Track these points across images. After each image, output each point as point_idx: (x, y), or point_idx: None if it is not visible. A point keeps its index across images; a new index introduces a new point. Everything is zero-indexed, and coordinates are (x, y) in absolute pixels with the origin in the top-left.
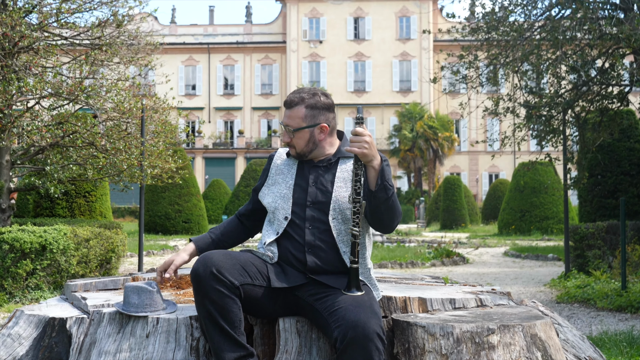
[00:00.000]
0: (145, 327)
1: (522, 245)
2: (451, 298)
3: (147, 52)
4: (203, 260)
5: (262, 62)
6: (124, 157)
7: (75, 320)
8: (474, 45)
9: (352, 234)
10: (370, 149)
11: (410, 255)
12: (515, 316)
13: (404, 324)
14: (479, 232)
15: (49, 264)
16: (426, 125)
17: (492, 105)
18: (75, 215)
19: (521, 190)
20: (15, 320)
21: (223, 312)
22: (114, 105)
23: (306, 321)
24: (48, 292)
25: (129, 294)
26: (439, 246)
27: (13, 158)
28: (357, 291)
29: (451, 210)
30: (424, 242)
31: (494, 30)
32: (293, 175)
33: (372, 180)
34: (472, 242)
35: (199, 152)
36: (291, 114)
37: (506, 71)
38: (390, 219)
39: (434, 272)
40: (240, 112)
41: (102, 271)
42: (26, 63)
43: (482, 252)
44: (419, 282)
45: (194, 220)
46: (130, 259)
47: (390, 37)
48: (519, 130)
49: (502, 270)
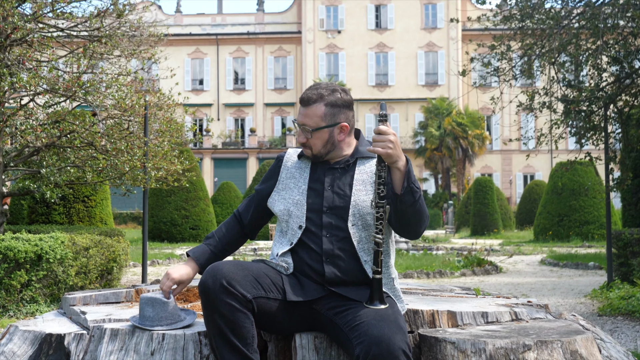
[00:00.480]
0: (150, 343)
1: (560, 252)
2: (483, 311)
3: (151, 44)
4: (212, 271)
5: (276, 54)
6: (126, 159)
7: (74, 337)
8: (506, 35)
9: (375, 241)
10: (395, 149)
11: (437, 264)
12: (554, 331)
13: (432, 339)
14: (513, 239)
15: (45, 274)
16: (455, 122)
17: (527, 100)
18: (73, 222)
19: (559, 193)
20: (9, 336)
21: (234, 328)
22: (114, 102)
23: (325, 337)
24: (44, 305)
25: (144, 307)
26: (469, 254)
27: (5, 160)
28: (380, 304)
29: (482, 215)
30: (452, 250)
31: (528, 18)
32: (306, 179)
33: (398, 182)
34: (506, 249)
35: (208, 152)
36: (308, 112)
37: (542, 63)
38: (418, 223)
39: (464, 283)
40: (251, 108)
41: (103, 282)
42: (19, 57)
43: (517, 260)
44: (448, 293)
45: (202, 226)
46: (134, 269)
47: (415, 26)
48: (557, 127)
49: (538, 280)
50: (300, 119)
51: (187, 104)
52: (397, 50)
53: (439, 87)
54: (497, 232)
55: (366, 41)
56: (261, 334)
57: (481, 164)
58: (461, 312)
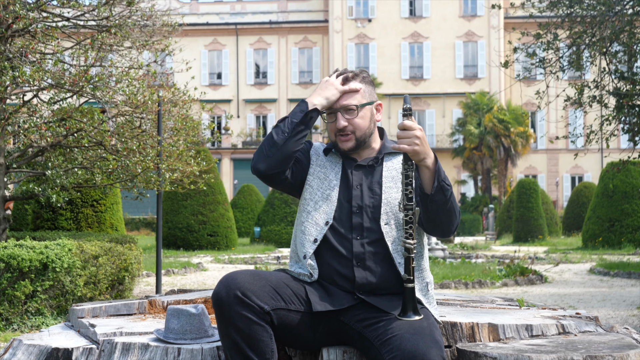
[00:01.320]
0: (165, 358)
1: (611, 260)
2: (527, 324)
3: (164, 34)
4: (226, 281)
5: (300, 45)
6: (138, 159)
7: (83, 351)
8: (553, 22)
9: (406, 247)
10: (422, 145)
11: (477, 274)
12: (604, 345)
13: (472, 354)
14: (560, 246)
15: (51, 285)
16: (496, 118)
17: (575, 94)
18: (81, 228)
19: (610, 196)
20: (13, 351)
21: (251, 342)
22: (125, 97)
23: (354, 352)
24: (51, 317)
25: (169, 319)
26: (511, 262)
27: (8, 161)
28: (414, 315)
29: (526, 220)
30: (493, 258)
31: (577, 3)
32: (338, 173)
33: (428, 181)
34: (551, 257)
35: (226, 152)
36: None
37: (592, 53)
38: (449, 221)
39: (506, 293)
40: (274, 104)
41: (114, 293)
42: (22, 49)
43: (563, 269)
44: (489, 305)
45: (221, 232)
46: (147, 279)
47: (453, 13)
48: (608, 123)
49: (587, 290)
50: (339, 102)
51: (204, 99)
52: (433, 40)
53: (478, 80)
54: (542, 239)
55: (399, 30)
56: (285, 349)
57: (525, 165)
58: (503, 324)
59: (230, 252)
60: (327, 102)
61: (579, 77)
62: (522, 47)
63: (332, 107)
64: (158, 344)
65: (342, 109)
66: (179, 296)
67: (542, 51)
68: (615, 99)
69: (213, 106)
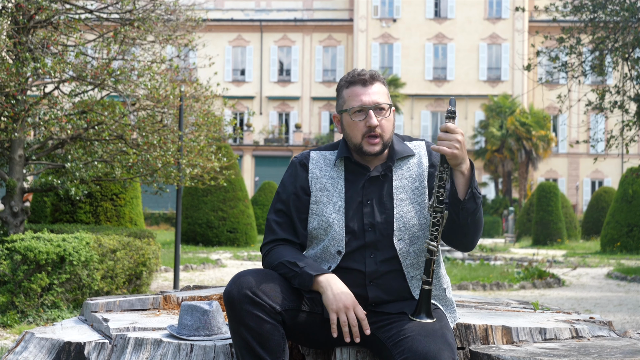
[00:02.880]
0: (178, 355)
1: (629, 265)
2: (541, 327)
3: (188, 29)
4: (237, 280)
5: (325, 43)
6: (159, 154)
7: (95, 346)
8: (576, 27)
9: (429, 249)
10: (461, 150)
11: (495, 276)
12: (617, 350)
13: (485, 357)
14: (578, 250)
15: (68, 278)
16: (518, 121)
17: (597, 99)
18: (100, 222)
19: (629, 201)
20: (24, 344)
21: (262, 341)
22: (147, 92)
23: (368, 352)
24: (67, 311)
25: (183, 314)
26: (529, 265)
27: (27, 153)
28: (426, 317)
29: (545, 223)
30: (512, 260)
31: (600, 8)
32: (341, 192)
33: (462, 187)
34: (569, 261)
35: (248, 149)
36: (375, 89)
37: (614, 58)
38: (475, 233)
39: (523, 296)
40: (297, 102)
41: (131, 288)
42: (43, 40)
43: (581, 272)
44: (504, 307)
45: (241, 229)
46: (165, 274)
47: (478, 15)
48: (628, 128)
49: (604, 294)
50: (372, 99)
51: (227, 95)
52: (457, 42)
53: (501, 83)
54: (560, 242)
55: (424, 31)
56: (299, 348)
57: (545, 168)
58: (517, 327)
59: (250, 249)
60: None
61: (601, 82)
62: (545, 50)
63: (364, 105)
64: (171, 340)
65: (375, 107)
66: (194, 292)
67: (564, 55)
68: (636, 105)
69: (235, 102)
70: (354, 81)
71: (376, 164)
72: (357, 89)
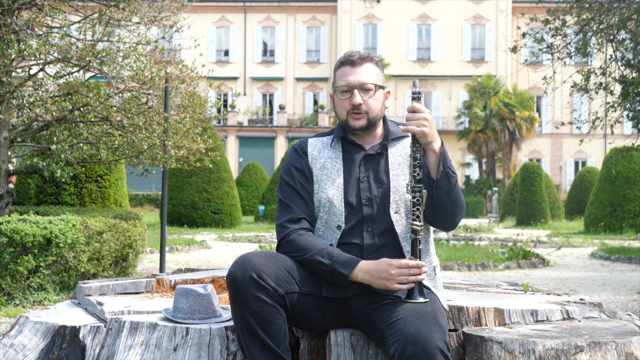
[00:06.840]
0: (173, 338)
1: (613, 245)
2: (533, 309)
3: (173, 10)
4: (242, 262)
5: (308, 24)
6: (144, 136)
7: (90, 329)
8: (561, 8)
9: (412, 229)
10: (429, 128)
11: (480, 256)
12: (608, 331)
13: (477, 339)
14: (562, 230)
15: (54, 260)
16: (502, 102)
17: (582, 80)
18: (85, 204)
19: (612, 181)
20: (19, 327)
21: (264, 324)
22: (132, 73)
23: (362, 334)
24: (53, 293)
25: (178, 298)
26: (514, 245)
27: (12, 135)
28: (420, 297)
29: (529, 203)
30: (496, 241)
31: None
32: (339, 170)
33: (433, 166)
34: (554, 241)
35: (232, 130)
36: (364, 70)
37: (599, 40)
38: (453, 213)
39: (508, 276)
40: (281, 83)
41: (118, 270)
42: (28, 22)
43: (565, 252)
44: (495, 289)
45: (225, 210)
46: (150, 256)
47: None
48: (613, 110)
49: (588, 274)
50: (357, 78)
51: (211, 76)
52: (441, 22)
53: (485, 63)
54: (544, 222)
55: (408, 12)
56: (293, 330)
57: (529, 149)
58: (509, 309)
59: (235, 230)
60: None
61: (586, 63)
62: (530, 32)
63: (349, 84)
64: (166, 323)
65: (360, 87)
66: (186, 275)
67: (550, 37)
68: (621, 86)
69: (220, 84)
70: (344, 61)
71: (372, 144)
72: (346, 69)
